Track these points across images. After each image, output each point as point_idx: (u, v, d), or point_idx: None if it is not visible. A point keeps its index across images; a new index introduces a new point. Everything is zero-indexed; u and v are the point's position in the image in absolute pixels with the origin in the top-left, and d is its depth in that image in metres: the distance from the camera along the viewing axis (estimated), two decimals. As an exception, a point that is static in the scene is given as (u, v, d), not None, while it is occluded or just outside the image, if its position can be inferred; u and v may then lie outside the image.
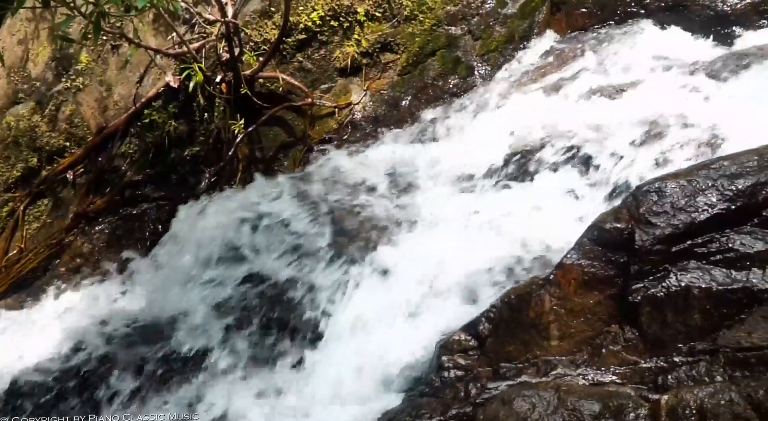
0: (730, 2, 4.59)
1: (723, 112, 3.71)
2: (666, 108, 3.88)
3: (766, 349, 2.49)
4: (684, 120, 3.73)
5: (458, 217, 3.92)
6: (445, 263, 3.58)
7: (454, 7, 5.06)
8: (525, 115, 4.30)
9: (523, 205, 3.90)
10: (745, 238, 2.74)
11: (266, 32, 5.04)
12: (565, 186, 3.90)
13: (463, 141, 4.44)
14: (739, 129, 3.48)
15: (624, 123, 3.91)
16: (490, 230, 3.80)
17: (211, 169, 5.17)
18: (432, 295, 3.51)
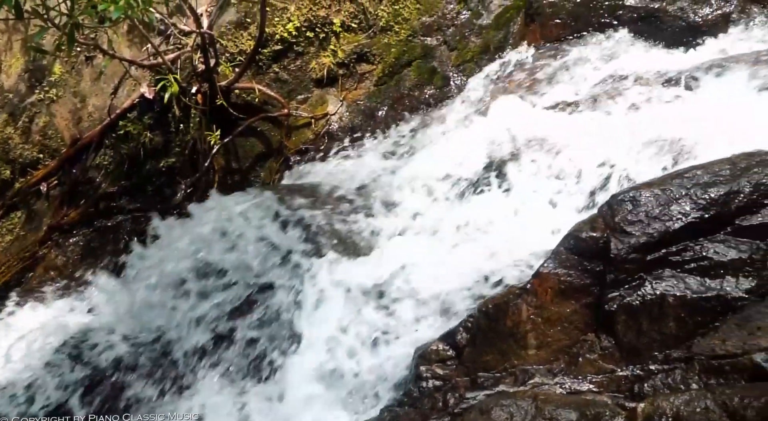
0: (701, 13, 4.65)
1: (697, 120, 3.75)
2: (641, 117, 3.93)
3: (740, 356, 2.51)
4: (659, 129, 3.77)
5: (435, 227, 3.93)
6: (423, 273, 3.58)
7: (429, 18, 5.08)
8: (501, 125, 4.31)
9: (500, 215, 3.91)
10: (718, 246, 2.77)
11: (242, 43, 5.03)
12: (542, 195, 3.91)
13: (439, 151, 4.45)
14: (712, 137, 3.52)
15: (600, 132, 3.94)
16: (468, 240, 3.81)
17: (186, 180, 5.14)
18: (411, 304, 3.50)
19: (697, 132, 3.59)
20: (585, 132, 3.99)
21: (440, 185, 4.24)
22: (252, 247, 4.01)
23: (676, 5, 4.68)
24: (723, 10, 4.61)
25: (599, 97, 4.23)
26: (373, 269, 3.73)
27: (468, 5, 5.07)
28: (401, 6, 5.09)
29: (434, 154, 4.46)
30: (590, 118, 4.11)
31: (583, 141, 3.95)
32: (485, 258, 3.57)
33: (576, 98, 4.30)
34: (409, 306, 3.47)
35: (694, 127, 3.67)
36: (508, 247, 3.59)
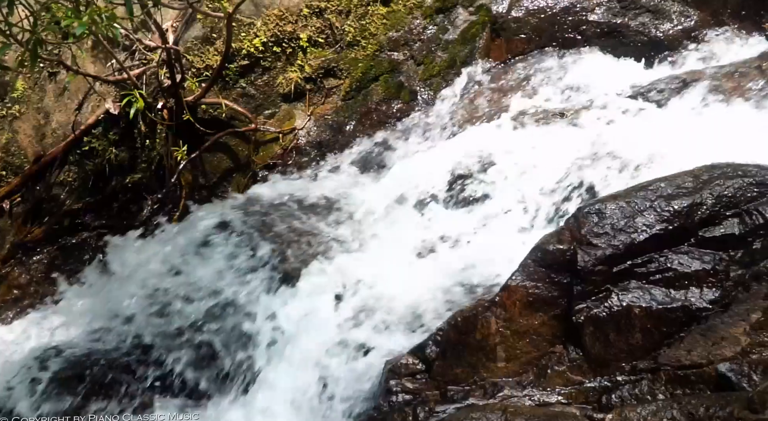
0: (662, 28, 4.74)
1: (660, 133, 3.81)
2: (605, 130, 3.98)
3: (706, 366, 2.55)
4: (623, 142, 3.82)
5: (403, 240, 3.94)
6: (391, 287, 3.58)
7: (396, 33, 5.10)
8: (467, 139, 4.35)
9: (468, 228, 3.93)
10: (682, 257, 2.81)
11: (208, 58, 5.01)
12: (510, 208, 3.94)
13: (406, 166, 4.47)
14: (675, 150, 3.58)
15: (565, 146, 3.99)
16: (436, 253, 3.82)
17: (153, 196, 5.09)
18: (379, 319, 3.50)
19: (660, 145, 3.65)
20: (550, 145, 4.03)
21: (409, 199, 4.25)
22: (216, 265, 3.98)
23: (638, 20, 4.77)
24: (684, 26, 4.70)
25: (564, 110, 4.28)
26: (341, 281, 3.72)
27: (434, 21, 5.10)
28: (368, 21, 5.11)
29: (402, 169, 4.48)
30: (555, 131, 4.15)
31: (548, 154, 3.99)
32: (454, 271, 3.58)
33: (541, 112, 4.35)
34: (377, 321, 3.46)
35: (658, 140, 3.73)
36: (477, 259, 3.60)
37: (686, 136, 3.71)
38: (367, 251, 4.00)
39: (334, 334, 3.50)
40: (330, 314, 3.60)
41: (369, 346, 3.41)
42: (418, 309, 3.44)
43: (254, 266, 3.96)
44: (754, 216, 2.78)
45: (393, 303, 3.49)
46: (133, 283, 4.13)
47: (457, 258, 3.67)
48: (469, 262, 3.62)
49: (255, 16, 5.01)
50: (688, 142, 3.57)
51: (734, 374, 2.47)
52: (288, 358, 3.49)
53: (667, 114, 4.03)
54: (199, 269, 4.01)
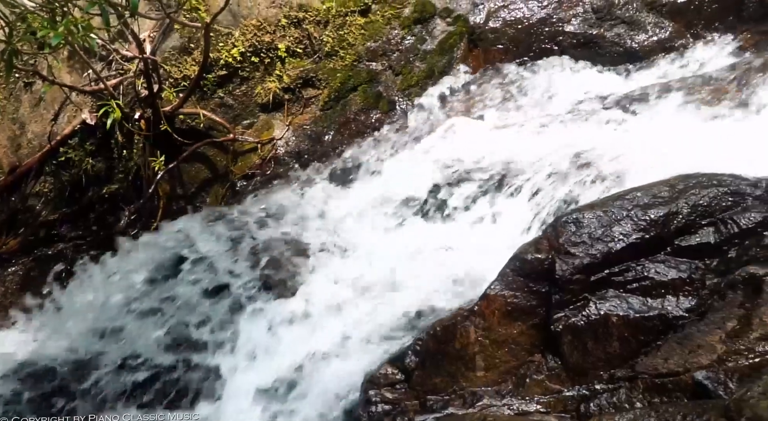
0: (637, 39, 4.79)
1: (636, 143, 3.84)
2: (581, 140, 4.00)
3: (682, 374, 2.56)
4: (600, 151, 3.84)
5: (382, 250, 3.94)
6: (371, 297, 3.58)
7: (374, 43, 5.12)
8: (446, 149, 4.37)
9: (446, 237, 3.94)
10: (659, 266, 2.83)
11: (186, 69, 4.99)
12: (488, 217, 3.96)
13: (385, 175, 4.48)
14: (651, 159, 3.61)
15: (542, 155, 4.01)
16: (415, 262, 3.82)
17: (130, 206, 5.05)
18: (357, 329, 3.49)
19: (636, 154, 3.68)
20: (527, 154, 4.05)
21: (387, 209, 4.25)
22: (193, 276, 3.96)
23: (613, 31, 4.82)
24: (658, 37, 4.76)
25: (541, 120, 4.31)
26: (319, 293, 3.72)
27: (412, 31, 5.12)
28: (346, 32, 5.12)
29: (380, 178, 4.48)
30: (531, 140, 4.18)
31: (526, 162, 4.01)
32: (433, 280, 3.58)
33: (518, 121, 4.37)
34: (356, 330, 3.46)
35: (634, 149, 3.76)
36: (456, 268, 3.61)
37: (662, 145, 3.74)
38: (346, 260, 4.00)
39: (313, 344, 3.49)
40: (309, 323, 3.59)
41: (348, 356, 3.40)
42: (396, 318, 3.44)
43: (232, 275, 3.95)
44: (729, 225, 2.81)
45: (371, 312, 3.49)
46: (108, 296, 4.09)
47: (436, 267, 3.67)
48: (449, 271, 3.62)
49: (233, 27, 5.00)
50: (663, 152, 3.61)
51: (711, 381, 2.49)
52: (266, 369, 3.47)
53: (643, 123, 4.07)
54: (174, 281, 3.98)
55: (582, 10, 4.88)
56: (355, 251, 4.05)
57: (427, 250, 3.85)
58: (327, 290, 3.75)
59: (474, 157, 4.19)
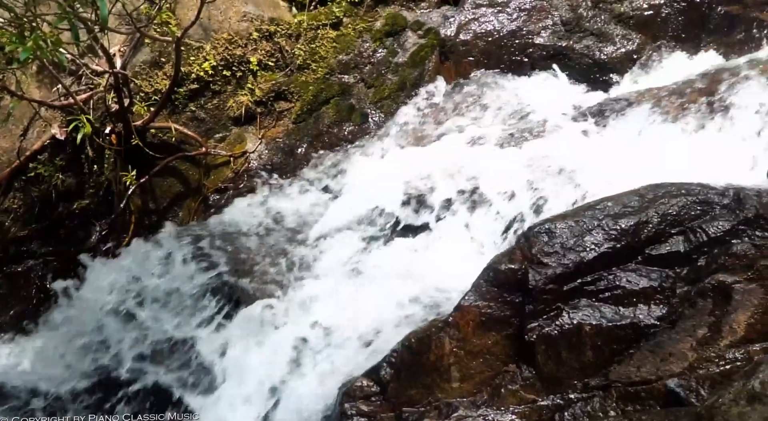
0: (606, 51, 4.85)
1: (606, 153, 3.89)
2: (551, 151, 4.04)
3: (655, 382, 2.59)
4: (570, 162, 3.88)
5: (355, 264, 3.93)
6: (344, 309, 3.57)
7: (346, 56, 5.13)
8: (418, 161, 4.38)
9: (420, 249, 3.95)
10: (630, 275, 2.86)
11: (157, 82, 4.96)
12: (461, 229, 3.98)
13: (358, 188, 4.48)
14: (621, 169, 3.65)
15: (514, 166, 4.04)
16: (389, 275, 3.82)
17: (101, 222, 5.00)
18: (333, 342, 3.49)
19: (606, 164, 3.72)
20: (497, 165, 4.08)
21: (361, 222, 4.25)
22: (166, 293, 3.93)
23: (582, 44, 4.88)
24: (626, 48, 4.82)
25: (511, 131, 4.35)
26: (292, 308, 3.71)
27: (384, 44, 5.15)
28: (318, 45, 5.13)
29: (354, 191, 4.48)
30: (504, 151, 4.21)
31: (498, 174, 4.04)
32: (408, 292, 3.59)
33: (489, 133, 4.40)
34: (331, 344, 3.45)
35: (604, 159, 3.81)
36: (430, 280, 3.62)
37: (631, 155, 3.79)
38: (320, 274, 3.99)
39: (288, 358, 3.47)
40: (284, 338, 3.57)
41: (323, 369, 3.39)
42: (372, 331, 3.44)
43: (204, 291, 3.92)
44: (698, 233, 2.85)
45: (346, 326, 3.49)
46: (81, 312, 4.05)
47: (410, 279, 3.68)
48: (423, 283, 3.63)
49: (204, 40, 4.99)
50: (633, 162, 3.65)
51: (682, 389, 2.52)
52: (240, 385, 3.45)
53: (612, 134, 4.12)
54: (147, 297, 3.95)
55: (551, 22, 4.94)
56: (327, 264, 4.04)
57: (399, 262, 3.86)
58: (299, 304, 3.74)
59: (446, 169, 4.21)
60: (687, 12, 4.80)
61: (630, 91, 4.47)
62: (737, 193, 2.86)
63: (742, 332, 2.61)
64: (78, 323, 4.00)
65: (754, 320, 2.62)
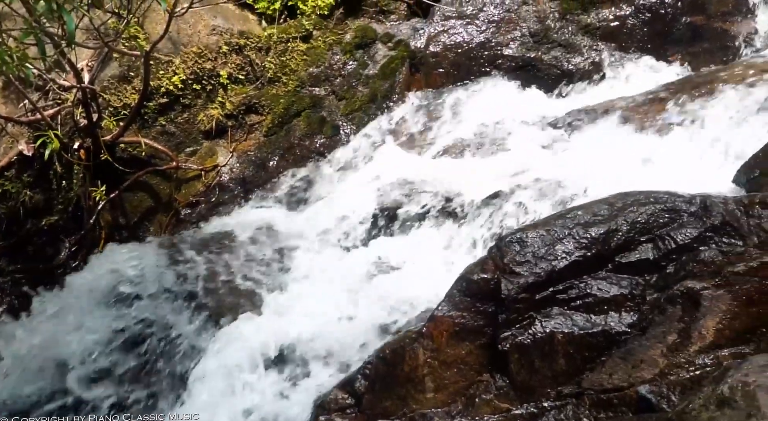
0: (574, 61, 4.92)
1: (574, 163, 3.93)
2: (522, 161, 4.08)
3: (627, 389, 2.61)
4: (540, 172, 3.92)
5: (329, 275, 3.93)
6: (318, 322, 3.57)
7: (316, 69, 5.14)
8: (390, 172, 4.40)
9: (393, 260, 3.96)
10: (601, 283, 2.88)
11: (126, 97, 4.93)
12: (434, 239, 3.99)
13: (331, 200, 4.48)
14: (589, 179, 3.69)
15: (485, 177, 4.07)
16: (362, 286, 3.82)
17: (71, 238, 4.94)
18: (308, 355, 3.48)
19: (574, 174, 3.76)
20: (471, 176, 4.11)
21: (334, 233, 4.25)
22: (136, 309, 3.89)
23: (550, 54, 4.94)
24: (593, 59, 4.89)
25: (482, 142, 4.38)
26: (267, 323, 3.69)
27: (354, 56, 5.17)
28: (288, 58, 5.13)
29: (327, 204, 4.49)
30: (475, 162, 4.24)
31: (469, 184, 4.06)
32: (381, 304, 3.59)
33: (459, 144, 4.43)
34: (305, 357, 3.44)
35: (574, 169, 3.84)
36: (403, 291, 3.62)
37: (600, 164, 3.84)
38: (293, 286, 3.97)
39: (262, 371, 3.46)
40: (257, 351, 3.55)
41: (297, 382, 3.38)
42: (345, 343, 3.43)
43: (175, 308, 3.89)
44: (666, 241, 2.88)
45: (319, 337, 3.48)
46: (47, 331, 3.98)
47: (382, 291, 3.68)
48: (396, 294, 3.63)
49: (173, 54, 4.97)
50: (601, 171, 3.69)
51: (654, 395, 2.54)
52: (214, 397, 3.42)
53: (582, 143, 4.16)
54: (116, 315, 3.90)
55: (519, 34, 4.99)
56: (301, 277, 4.03)
57: (373, 273, 3.86)
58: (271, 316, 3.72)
59: (416, 181, 4.23)
60: (652, 23, 4.88)
61: (597, 100, 4.53)
62: (704, 201, 2.90)
63: (711, 337, 2.64)
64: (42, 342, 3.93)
65: (722, 326, 2.65)
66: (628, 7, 4.92)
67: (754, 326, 2.66)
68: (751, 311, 2.67)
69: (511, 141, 4.30)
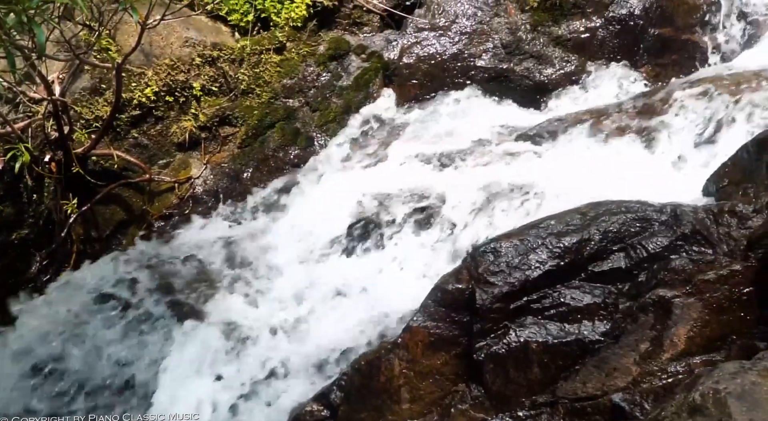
0: (545, 73, 4.96)
1: (548, 173, 3.96)
2: (496, 172, 4.10)
3: (600, 397, 2.63)
4: (511, 182, 3.94)
5: (303, 287, 3.92)
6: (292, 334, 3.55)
7: (290, 81, 5.14)
8: (364, 183, 4.40)
9: (369, 272, 3.96)
10: (574, 292, 2.91)
11: (98, 109, 4.89)
12: (409, 250, 3.99)
13: (306, 212, 4.47)
14: (563, 188, 3.72)
15: (458, 187, 4.09)
16: (338, 298, 3.82)
17: (42, 252, 4.88)
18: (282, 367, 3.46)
19: (548, 183, 3.79)
20: (445, 186, 4.12)
21: (309, 245, 4.24)
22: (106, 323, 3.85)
23: (522, 66, 4.98)
24: (565, 70, 4.95)
25: (455, 153, 4.40)
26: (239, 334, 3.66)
27: (328, 68, 5.18)
28: (262, 69, 5.13)
29: (301, 215, 4.47)
30: (449, 172, 4.26)
31: (443, 195, 4.08)
32: (357, 315, 3.59)
33: (433, 155, 4.45)
34: (280, 370, 3.42)
35: (546, 179, 3.88)
36: (379, 302, 3.62)
37: (573, 174, 3.87)
38: (267, 299, 3.96)
39: (237, 386, 3.43)
40: (232, 365, 3.53)
41: (272, 395, 3.36)
42: (321, 354, 3.43)
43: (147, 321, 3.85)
44: (638, 250, 2.91)
45: (295, 350, 3.46)
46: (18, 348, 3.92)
47: (358, 302, 3.68)
48: (372, 305, 3.63)
49: (146, 66, 4.95)
50: (575, 180, 3.73)
51: (627, 403, 2.57)
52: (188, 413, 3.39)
53: (553, 154, 4.20)
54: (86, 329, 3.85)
55: (492, 45, 5.03)
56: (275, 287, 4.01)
57: (347, 285, 3.85)
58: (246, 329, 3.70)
59: (391, 192, 4.24)
60: (621, 34, 4.94)
61: (569, 111, 4.58)
62: (674, 210, 2.94)
63: (682, 345, 2.67)
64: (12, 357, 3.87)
65: (694, 333, 2.69)
66: (598, 19, 4.98)
67: (725, 333, 2.69)
68: (721, 318, 2.71)
69: (483, 152, 4.32)
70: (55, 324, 3.89)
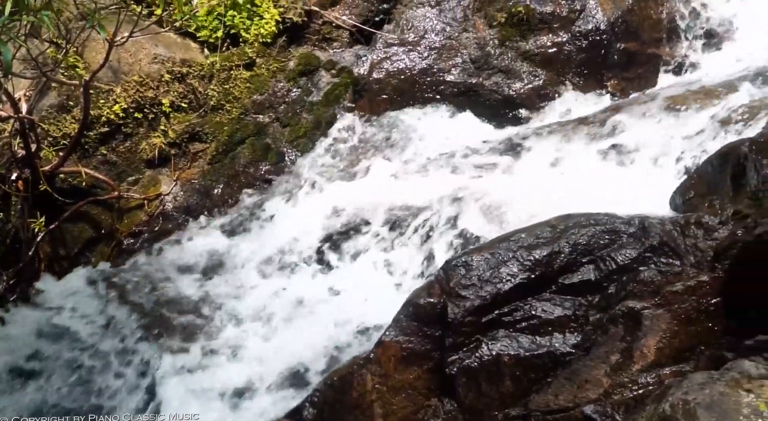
0: (514, 87, 5.01)
1: (517, 185, 3.99)
2: (466, 185, 4.12)
3: (572, 409, 2.65)
4: (483, 195, 3.97)
5: (274, 304, 3.90)
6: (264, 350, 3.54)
7: (260, 96, 5.14)
8: (335, 198, 4.40)
9: (340, 287, 3.96)
10: (545, 304, 2.92)
11: (66, 127, 4.84)
12: (380, 264, 4.00)
13: (277, 227, 4.46)
14: (532, 201, 3.75)
15: (428, 201, 4.10)
16: (310, 314, 3.81)
17: (8, 271, 4.81)
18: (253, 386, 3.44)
19: (517, 196, 3.81)
20: (415, 200, 4.14)
21: (280, 261, 4.23)
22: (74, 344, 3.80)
23: (491, 80, 5.02)
24: (533, 84, 4.99)
25: (425, 166, 4.42)
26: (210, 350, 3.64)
27: (298, 83, 5.18)
28: (231, 85, 5.12)
29: (272, 230, 4.46)
30: (419, 187, 4.27)
31: (413, 209, 4.09)
32: (329, 331, 3.58)
33: (403, 169, 4.47)
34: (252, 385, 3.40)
35: (516, 192, 3.90)
36: (351, 317, 3.62)
37: (542, 187, 3.90)
38: (237, 314, 3.93)
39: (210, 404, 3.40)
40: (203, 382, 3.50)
41: (246, 413, 3.34)
42: (293, 371, 3.41)
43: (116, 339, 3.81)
44: (607, 262, 2.93)
45: (267, 368, 3.44)
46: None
47: (329, 317, 3.67)
48: (344, 320, 3.62)
49: (114, 83, 4.91)
50: (543, 194, 3.76)
51: (599, 415, 2.58)
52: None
53: (523, 167, 4.23)
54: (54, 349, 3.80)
55: (461, 60, 5.07)
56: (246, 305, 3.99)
57: (318, 300, 3.85)
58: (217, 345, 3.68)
59: (361, 206, 4.25)
60: (588, 49, 5.00)
61: (538, 124, 4.63)
62: (642, 222, 2.97)
63: (652, 356, 2.70)
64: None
65: (663, 344, 2.71)
66: (565, 34, 5.03)
67: (693, 344, 2.72)
68: (689, 329, 2.73)
69: (453, 165, 4.35)
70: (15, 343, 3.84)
